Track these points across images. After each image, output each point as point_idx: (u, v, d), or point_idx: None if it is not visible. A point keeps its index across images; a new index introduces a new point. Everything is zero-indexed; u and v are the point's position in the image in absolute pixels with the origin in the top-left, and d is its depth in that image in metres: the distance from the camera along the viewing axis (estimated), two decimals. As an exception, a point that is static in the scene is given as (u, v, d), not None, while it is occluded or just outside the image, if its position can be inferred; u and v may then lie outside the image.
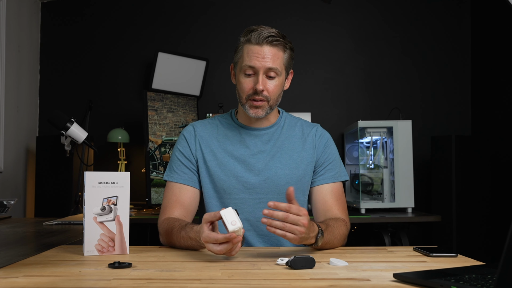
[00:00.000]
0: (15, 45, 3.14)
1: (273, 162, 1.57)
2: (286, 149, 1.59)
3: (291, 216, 1.19)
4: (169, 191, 1.56)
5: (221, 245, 1.19)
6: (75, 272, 1.07)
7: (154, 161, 3.05)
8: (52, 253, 1.30)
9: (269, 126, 1.61)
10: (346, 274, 1.08)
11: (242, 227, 1.19)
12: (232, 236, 1.17)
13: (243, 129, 1.61)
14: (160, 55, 3.18)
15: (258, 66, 1.48)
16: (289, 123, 1.65)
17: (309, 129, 1.65)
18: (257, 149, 1.58)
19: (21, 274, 1.04)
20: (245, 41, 1.51)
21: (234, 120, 1.63)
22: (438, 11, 3.56)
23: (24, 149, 3.25)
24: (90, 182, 1.26)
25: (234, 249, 1.20)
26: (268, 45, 1.48)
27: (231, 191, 1.55)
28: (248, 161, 1.56)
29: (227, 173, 1.55)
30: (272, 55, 1.48)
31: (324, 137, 1.65)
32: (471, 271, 1.01)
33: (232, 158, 1.57)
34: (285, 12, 3.57)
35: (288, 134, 1.62)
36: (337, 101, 3.55)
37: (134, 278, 1.02)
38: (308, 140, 1.62)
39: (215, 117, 1.67)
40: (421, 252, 1.35)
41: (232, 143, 1.59)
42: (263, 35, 1.47)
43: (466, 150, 2.94)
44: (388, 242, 2.85)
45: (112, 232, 1.28)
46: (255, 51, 1.48)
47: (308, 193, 1.62)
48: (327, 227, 1.38)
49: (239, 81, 1.53)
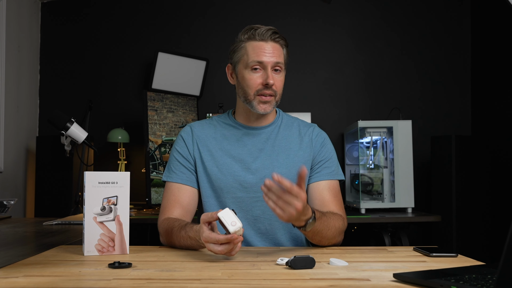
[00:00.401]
0: (15, 45, 3.13)
1: (270, 161, 1.57)
2: (283, 148, 1.60)
3: (287, 196, 1.20)
4: (168, 191, 1.57)
5: (222, 246, 1.19)
6: (75, 272, 1.08)
7: (154, 161, 3.05)
8: (52, 253, 1.30)
9: (267, 125, 1.62)
10: (346, 274, 1.08)
11: (242, 226, 1.20)
12: (233, 237, 1.17)
13: (241, 127, 1.61)
14: (160, 55, 3.18)
15: (267, 61, 1.50)
16: (286, 123, 1.66)
17: (306, 128, 1.66)
18: (255, 148, 1.59)
19: (21, 274, 1.04)
20: (246, 38, 1.53)
21: (231, 119, 1.64)
22: (438, 11, 3.55)
23: (24, 149, 3.24)
24: (90, 182, 1.26)
25: (234, 249, 1.21)
26: (272, 41, 1.52)
27: (228, 190, 1.55)
28: (245, 160, 1.57)
29: (224, 172, 1.56)
30: (277, 51, 1.52)
31: (321, 136, 1.66)
32: (471, 271, 1.01)
33: (229, 157, 1.57)
34: (285, 12, 3.56)
35: (285, 134, 1.63)
36: (337, 101, 3.54)
37: (134, 278, 1.02)
38: (305, 140, 1.63)
39: (212, 118, 1.69)
40: (421, 252, 1.35)
41: (230, 142, 1.60)
42: (267, 32, 1.51)
43: (466, 150, 2.93)
44: (388, 242, 2.84)
45: (112, 232, 1.28)
46: (261, 47, 1.51)
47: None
48: (322, 216, 1.39)
49: (245, 78, 1.53)
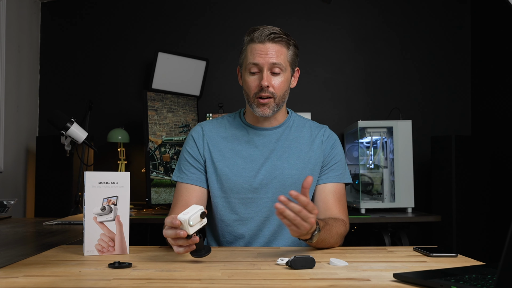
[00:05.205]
0: (15, 45, 3.13)
1: (281, 162, 1.57)
2: (294, 149, 1.60)
3: (305, 212, 1.20)
4: (178, 191, 1.58)
5: (170, 229, 1.16)
6: (75, 272, 1.07)
7: (154, 161, 3.04)
8: (52, 253, 1.30)
9: (277, 125, 1.62)
10: (346, 274, 1.08)
11: (197, 224, 1.15)
12: (175, 224, 1.14)
13: (251, 129, 1.61)
14: (160, 55, 3.18)
15: (262, 62, 1.49)
16: (298, 124, 1.65)
17: (317, 130, 1.65)
18: (266, 148, 1.59)
19: (21, 274, 1.04)
20: (248, 41, 1.53)
21: (242, 120, 1.64)
22: (438, 10, 3.55)
23: (24, 149, 3.24)
24: (90, 182, 1.26)
25: (177, 241, 1.16)
26: (270, 42, 1.50)
27: (238, 190, 1.55)
28: (256, 161, 1.57)
29: (235, 173, 1.56)
30: (275, 51, 1.50)
31: (332, 138, 1.65)
32: (471, 271, 1.01)
33: (240, 158, 1.57)
34: (285, 12, 3.55)
35: (296, 135, 1.62)
36: (337, 101, 3.54)
37: (134, 278, 1.02)
38: (316, 141, 1.62)
39: (223, 117, 1.68)
40: (421, 252, 1.35)
41: (240, 143, 1.59)
42: (265, 33, 1.49)
43: (466, 150, 2.93)
44: (388, 242, 2.84)
45: (112, 232, 1.28)
46: (258, 49, 1.50)
47: None
48: (325, 225, 1.39)
49: (245, 80, 1.54)
